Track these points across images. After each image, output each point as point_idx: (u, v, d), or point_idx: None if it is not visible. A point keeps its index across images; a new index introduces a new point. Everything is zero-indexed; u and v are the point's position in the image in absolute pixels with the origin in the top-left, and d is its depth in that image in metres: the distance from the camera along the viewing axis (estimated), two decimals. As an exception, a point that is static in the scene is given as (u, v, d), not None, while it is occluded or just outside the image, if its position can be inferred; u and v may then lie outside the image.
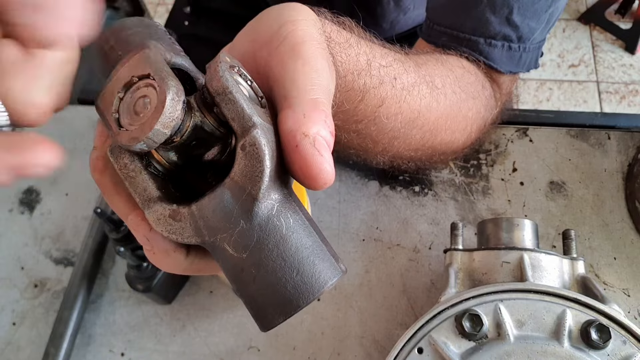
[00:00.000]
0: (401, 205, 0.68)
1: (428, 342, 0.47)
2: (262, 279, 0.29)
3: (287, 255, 0.29)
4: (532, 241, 0.55)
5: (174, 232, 0.29)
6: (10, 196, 0.73)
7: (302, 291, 0.29)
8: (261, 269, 0.29)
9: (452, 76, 0.56)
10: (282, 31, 0.35)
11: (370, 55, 0.45)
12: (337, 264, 0.30)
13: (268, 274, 0.29)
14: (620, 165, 0.69)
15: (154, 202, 0.30)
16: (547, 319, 0.47)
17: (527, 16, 0.58)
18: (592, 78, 2.14)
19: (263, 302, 0.29)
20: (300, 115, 0.30)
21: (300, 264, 0.29)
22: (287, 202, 0.30)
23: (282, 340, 0.61)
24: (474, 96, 0.59)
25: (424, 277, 0.64)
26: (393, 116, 0.49)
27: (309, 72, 0.33)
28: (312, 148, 0.30)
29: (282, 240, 0.29)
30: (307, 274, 0.29)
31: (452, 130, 0.58)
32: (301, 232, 0.30)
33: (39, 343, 0.63)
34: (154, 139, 0.27)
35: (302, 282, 0.29)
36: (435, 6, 0.63)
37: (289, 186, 0.31)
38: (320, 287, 0.29)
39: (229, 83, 0.29)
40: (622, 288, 0.62)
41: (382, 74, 0.46)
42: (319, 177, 0.29)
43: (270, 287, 0.29)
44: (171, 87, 0.28)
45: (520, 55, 0.61)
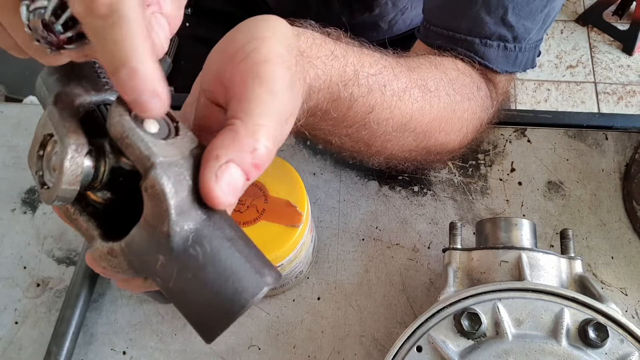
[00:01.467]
0: (400, 205, 0.68)
1: (427, 341, 0.48)
2: (189, 303, 0.30)
3: (207, 281, 0.30)
4: (530, 241, 0.55)
5: (115, 267, 0.31)
6: (12, 196, 0.73)
7: (226, 311, 0.30)
8: (187, 294, 0.30)
9: (446, 79, 0.56)
10: (247, 47, 0.35)
11: (358, 65, 0.45)
12: (263, 277, 0.31)
13: (194, 299, 0.30)
14: (618, 165, 0.69)
15: (95, 240, 0.32)
16: (545, 318, 0.47)
17: (522, 16, 0.58)
18: (589, 79, 2.14)
19: (196, 321, 0.30)
20: (230, 139, 0.31)
21: (221, 286, 0.30)
22: (205, 228, 0.30)
23: (282, 339, 0.62)
24: (469, 98, 0.59)
25: (423, 276, 0.64)
26: (384, 121, 0.50)
27: (263, 95, 0.33)
28: (212, 172, 0.30)
29: (200, 268, 0.30)
30: (229, 294, 0.30)
31: (447, 131, 0.58)
32: (221, 255, 0.30)
33: (41, 342, 0.63)
34: (66, 196, 0.29)
35: (225, 302, 0.29)
36: (431, 7, 0.63)
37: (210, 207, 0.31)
38: (243, 305, 0.30)
39: (125, 127, 0.29)
40: (620, 287, 0.62)
41: (370, 83, 0.46)
42: (208, 197, 0.30)
43: (197, 309, 0.30)
44: (69, 145, 0.28)
45: (516, 55, 0.62)
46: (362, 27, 0.91)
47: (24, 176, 0.74)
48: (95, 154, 0.30)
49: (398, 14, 0.89)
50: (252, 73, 0.34)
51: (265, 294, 0.30)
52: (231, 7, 1.03)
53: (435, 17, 0.62)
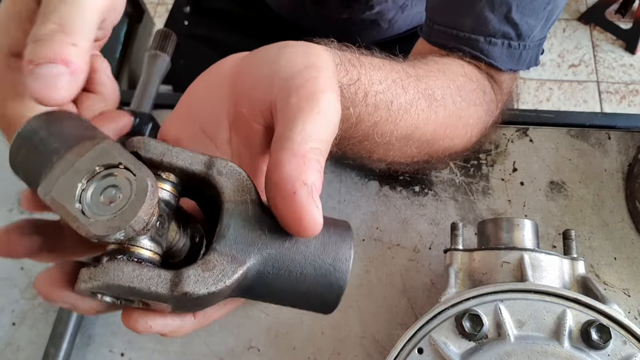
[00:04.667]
0: (401, 205, 0.68)
1: (428, 342, 0.47)
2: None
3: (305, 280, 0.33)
4: (532, 241, 0.55)
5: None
6: (10, 196, 0.73)
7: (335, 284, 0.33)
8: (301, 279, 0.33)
9: (453, 86, 0.56)
10: (305, 74, 0.35)
11: (368, 85, 0.45)
12: (346, 233, 0.34)
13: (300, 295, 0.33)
14: (621, 165, 0.69)
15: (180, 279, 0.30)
16: (548, 319, 0.47)
17: (526, 14, 0.58)
18: (592, 78, 2.14)
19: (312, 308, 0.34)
20: (301, 162, 0.31)
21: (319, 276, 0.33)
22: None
23: (282, 340, 0.61)
24: (475, 103, 0.59)
25: (424, 277, 0.64)
26: (387, 134, 0.50)
27: (322, 122, 0.34)
28: (310, 198, 0.31)
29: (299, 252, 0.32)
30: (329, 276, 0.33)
31: (451, 137, 0.58)
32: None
33: (39, 343, 0.63)
34: (135, 226, 0.27)
35: (333, 266, 0.33)
36: (434, 5, 0.63)
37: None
38: (347, 262, 0.33)
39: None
40: (623, 288, 0.62)
41: (377, 101, 0.46)
42: (310, 227, 0.31)
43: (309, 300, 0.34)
44: (149, 175, 0.28)
45: (520, 53, 0.61)
46: (362, 25, 0.90)
47: (22, 176, 0.74)
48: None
49: (398, 12, 0.89)
50: (313, 101, 0.34)
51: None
52: (230, 5, 1.03)
53: (439, 16, 0.62)
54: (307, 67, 0.36)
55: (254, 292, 0.32)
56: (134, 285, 0.28)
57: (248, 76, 0.38)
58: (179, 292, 0.29)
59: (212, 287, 0.29)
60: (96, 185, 0.28)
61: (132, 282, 0.28)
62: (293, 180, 0.31)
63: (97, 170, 0.28)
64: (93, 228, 0.27)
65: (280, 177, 0.31)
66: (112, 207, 0.27)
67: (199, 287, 0.29)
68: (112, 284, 0.28)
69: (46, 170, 0.28)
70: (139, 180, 0.28)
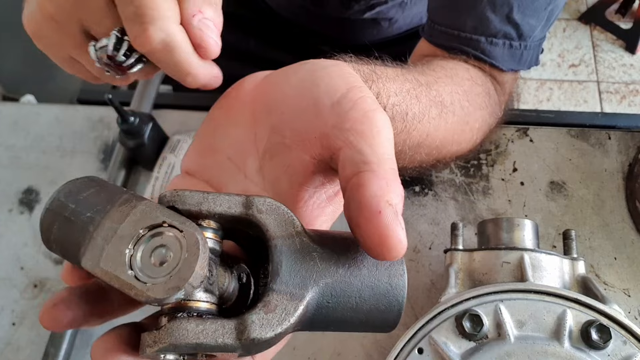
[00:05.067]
0: (401, 205, 0.68)
1: (428, 343, 0.47)
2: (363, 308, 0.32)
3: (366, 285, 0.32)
4: (533, 241, 0.55)
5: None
6: (9, 196, 0.73)
7: (395, 291, 0.32)
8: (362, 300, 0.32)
9: (461, 91, 0.56)
10: (351, 96, 0.35)
11: (385, 97, 0.45)
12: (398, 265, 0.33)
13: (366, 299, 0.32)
14: (621, 165, 0.69)
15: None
16: (548, 319, 0.47)
17: (527, 14, 0.58)
18: (592, 78, 2.14)
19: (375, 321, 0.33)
20: (384, 183, 0.31)
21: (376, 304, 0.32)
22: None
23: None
24: (481, 107, 0.59)
25: (424, 277, 0.63)
26: (401, 143, 0.49)
27: (384, 141, 0.33)
28: (396, 218, 0.30)
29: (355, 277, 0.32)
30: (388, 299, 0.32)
31: (459, 142, 0.58)
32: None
33: (39, 343, 0.63)
34: (194, 283, 0.27)
35: (390, 285, 0.32)
36: (436, 6, 0.63)
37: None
38: (400, 303, 0.32)
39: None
40: (623, 288, 0.62)
41: (394, 113, 0.46)
42: (396, 248, 0.30)
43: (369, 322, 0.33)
44: (196, 229, 0.28)
45: (521, 53, 0.61)
46: (363, 25, 0.90)
47: (21, 176, 0.74)
48: None
49: (398, 11, 0.89)
50: (368, 121, 0.34)
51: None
52: (231, 6, 1.03)
53: (440, 16, 0.62)
54: (350, 89, 0.35)
55: (316, 324, 0.32)
56: (200, 341, 0.28)
57: (285, 106, 0.37)
58: (247, 340, 0.28)
59: (278, 329, 0.29)
60: (144, 248, 0.28)
61: (198, 339, 0.28)
62: (378, 199, 0.30)
63: (142, 233, 0.28)
64: (152, 293, 0.26)
65: (365, 197, 0.30)
66: (165, 268, 0.27)
67: (265, 330, 0.29)
68: (179, 344, 0.28)
69: (85, 241, 0.28)
70: (188, 235, 0.27)
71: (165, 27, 0.38)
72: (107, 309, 0.33)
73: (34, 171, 0.74)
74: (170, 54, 0.39)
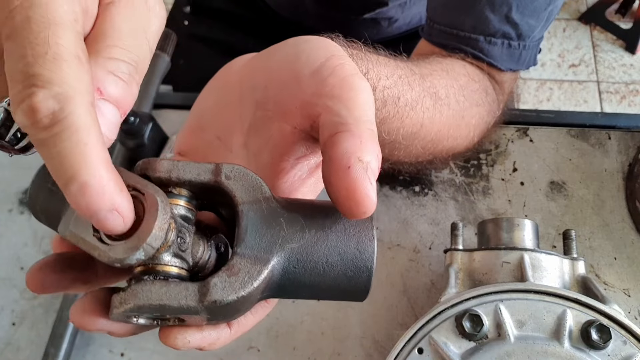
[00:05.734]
0: (401, 205, 0.68)
1: (428, 343, 0.47)
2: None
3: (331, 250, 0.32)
4: (533, 241, 0.55)
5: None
6: (9, 196, 0.73)
7: (363, 255, 0.32)
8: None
9: (457, 85, 0.56)
10: (329, 64, 0.35)
11: (375, 79, 0.45)
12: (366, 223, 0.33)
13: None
14: (621, 165, 0.69)
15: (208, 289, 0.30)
16: (548, 319, 0.47)
17: (526, 14, 0.58)
18: (592, 78, 2.14)
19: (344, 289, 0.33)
20: (358, 141, 0.31)
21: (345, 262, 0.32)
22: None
23: (282, 341, 0.61)
24: (478, 103, 0.59)
25: (424, 277, 0.63)
26: (394, 131, 0.50)
27: (362, 104, 0.33)
28: (364, 173, 0.30)
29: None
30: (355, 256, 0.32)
31: (455, 137, 0.58)
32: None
33: (39, 343, 0.63)
34: (153, 243, 0.27)
35: (357, 250, 0.32)
36: (435, 5, 0.63)
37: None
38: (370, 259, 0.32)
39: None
40: (623, 288, 0.61)
41: (385, 96, 0.46)
42: (363, 202, 0.30)
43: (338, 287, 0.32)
44: (157, 190, 0.28)
45: (520, 53, 0.61)
46: (363, 24, 0.90)
47: (21, 176, 0.74)
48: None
49: (398, 11, 0.89)
50: (346, 85, 0.34)
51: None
52: (230, 5, 1.03)
53: (440, 15, 0.62)
54: (329, 58, 0.35)
55: (284, 290, 0.32)
56: (163, 302, 0.28)
57: (270, 80, 0.37)
58: (208, 302, 0.29)
59: (240, 292, 0.29)
60: None
61: (161, 300, 0.28)
62: (349, 155, 0.30)
63: None
64: (113, 253, 0.27)
65: (337, 153, 0.31)
66: (128, 231, 0.27)
67: (227, 293, 0.29)
68: (143, 305, 0.28)
69: (64, 210, 0.29)
70: (148, 197, 0.28)
71: (62, 96, 0.24)
72: (91, 276, 0.34)
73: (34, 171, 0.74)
74: (56, 138, 0.24)
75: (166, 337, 0.31)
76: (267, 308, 0.37)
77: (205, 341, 0.33)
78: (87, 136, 0.25)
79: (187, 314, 0.29)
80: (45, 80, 0.24)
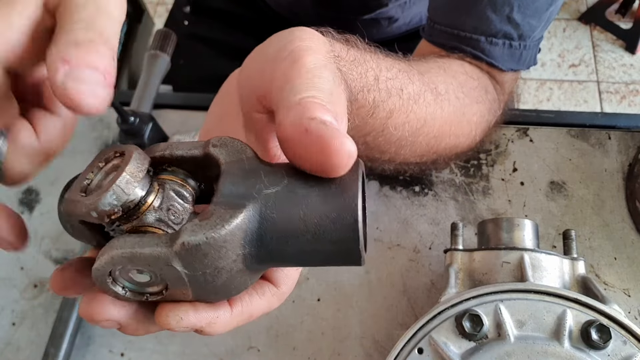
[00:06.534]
0: (401, 205, 0.68)
1: (428, 343, 0.47)
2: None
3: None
4: (533, 241, 0.55)
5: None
6: (9, 196, 0.73)
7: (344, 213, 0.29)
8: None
9: (455, 82, 0.56)
10: (288, 46, 0.34)
11: (377, 70, 0.45)
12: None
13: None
14: (621, 165, 0.69)
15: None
16: (548, 319, 0.47)
17: (528, 14, 0.58)
18: (592, 78, 2.14)
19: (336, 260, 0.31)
20: (299, 108, 0.29)
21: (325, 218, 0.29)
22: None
23: (282, 341, 0.61)
24: (478, 101, 0.59)
25: (424, 277, 0.64)
26: (400, 126, 0.50)
27: (310, 77, 0.32)
28: (324, 125, 0.28)
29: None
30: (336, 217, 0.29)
31: (457, 135, 0.58)
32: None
33: (39, 343, 0.63)
34: (123, 187, 0.28)
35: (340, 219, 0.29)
36: (436, 5, 0.63)
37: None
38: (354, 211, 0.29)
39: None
40: (623, 288, 0.62)
41: (389, 87, 0.46)
42: (341, 151, 0.27)
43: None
44: (134, 147, 0.30)
45: (520, 53, 0.61)
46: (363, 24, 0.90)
47: (22, 176, 0.74)
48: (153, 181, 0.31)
49: (398, 11, 0.89)
50: (297, 63, 0.32)
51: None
52: (230, 5, 1.03)
53: (441, 16, 0.62)
54: (289, 41, 0.34)
55: (266, 243, 0.30)
56: (135, 250, 0.28)
57: (245, 76, 0.38)
58: (177, 245, 0.28)
59: (210, 233, 0.28)
60: (100, 176, 0.30)
61: (133, 248, 0.28)
62: (299, 121, 0.28)
63: (101, 165, 0.30)
64: (88, 200, 0.28)
65: (285, 131, 0.29)
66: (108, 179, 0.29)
67: (196, 234, 0.28)
68: (115, 255, 0.28)
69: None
70: (127, 153, 0.29)
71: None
72: None
73: (34, 171, 0.74)
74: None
75: (159, 316, 0.31)
76: (278, 295, 0.35)
77: (201, 319, 0.32)
78: None
79: (158, 265, 0.28)
80: None
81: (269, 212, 0.29)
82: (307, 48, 0.34)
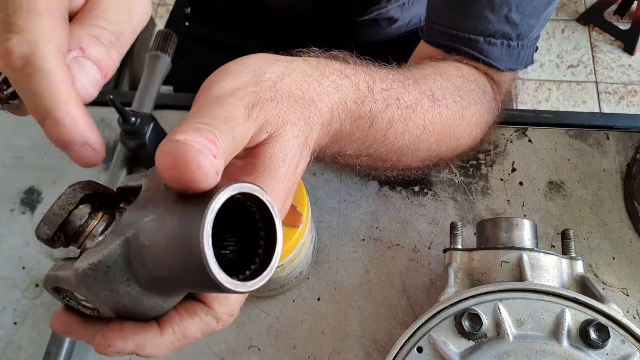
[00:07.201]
0: (401, 205, 0.68)
1: (427, 342, 0.48)
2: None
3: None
4: (531, 241, 0.55)
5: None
6: (11, 196, 0.73)
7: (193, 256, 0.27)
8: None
9: (452, 86, 0.57)
10: (213, 79, 0.36)
11: (370, 81, 0.46)
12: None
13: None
14: (619, 165, 0.69)
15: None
16: (546, 319, 0.47)
17: (526, 14, 0.58)
18: (590, 78, 2.14)
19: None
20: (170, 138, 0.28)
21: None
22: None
23: (282, 340, 0.61)
24: (476, 102, 0.59)
25: (424, 276, 0.64)
26: (401, 135, 0.50)
27: (208, 103, 0.33)
28: (175, 143, 0.27)
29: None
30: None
31: (457, 137, 0.59)
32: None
33: (40, 342, 0.63)
34: (51, 218, 0.33)
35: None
36: (434, 6, 0.63)
37: None
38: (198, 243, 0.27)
39: None
40: (621, 287, 0.62)
41: (385, 97, 0.47)
42: (191, 164, 0.27)
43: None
44: (78, 183, 0.35)
45: (519, 53, 0.62)
46: (362, 25, 0.91)
47: (23, 176, 0.74)
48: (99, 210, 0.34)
49: (397, 11, 0.89)
50: (206, 94, 0.34)
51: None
52: (230, 6, 1.03)
53: (439, 16, 0.62)
54: (216, 73, 0.36)
55: (146, 269, 0.30)
56: (57, 272, 0.33)
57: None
58: (73, 269, 0.31)
59: (91, 259, 0.30)
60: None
61: (56, 270, 0.33)
62: (163, 149, 0.28)
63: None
64: (36, 229, 0.33)
65: (160, 160, 0.28)
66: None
67: (84, 260, 0.31)
68: (48, 274, 0.34)
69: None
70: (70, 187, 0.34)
71: (33, 42, 0.29)
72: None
73: (35, 171, 0.74)
74: (29, 77, 0.29)
75: (96, 346, 0.34)
76: (214, 315, 0.35)
77: (128, 343, 0.32)
78: (57, 77, 0.29)
79: (71, 285, 0.32)
80: (20, 28, 0.29)
81: (142, 239, 0.30)
82: (217, 80, 0.35)
